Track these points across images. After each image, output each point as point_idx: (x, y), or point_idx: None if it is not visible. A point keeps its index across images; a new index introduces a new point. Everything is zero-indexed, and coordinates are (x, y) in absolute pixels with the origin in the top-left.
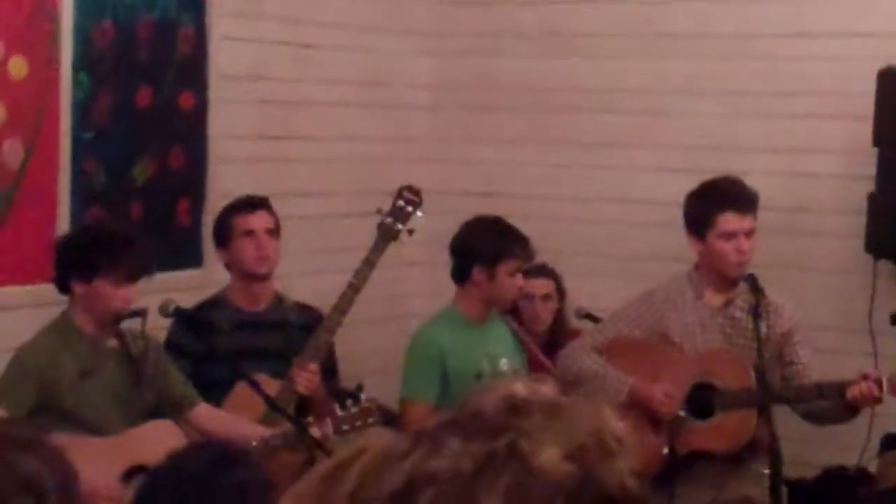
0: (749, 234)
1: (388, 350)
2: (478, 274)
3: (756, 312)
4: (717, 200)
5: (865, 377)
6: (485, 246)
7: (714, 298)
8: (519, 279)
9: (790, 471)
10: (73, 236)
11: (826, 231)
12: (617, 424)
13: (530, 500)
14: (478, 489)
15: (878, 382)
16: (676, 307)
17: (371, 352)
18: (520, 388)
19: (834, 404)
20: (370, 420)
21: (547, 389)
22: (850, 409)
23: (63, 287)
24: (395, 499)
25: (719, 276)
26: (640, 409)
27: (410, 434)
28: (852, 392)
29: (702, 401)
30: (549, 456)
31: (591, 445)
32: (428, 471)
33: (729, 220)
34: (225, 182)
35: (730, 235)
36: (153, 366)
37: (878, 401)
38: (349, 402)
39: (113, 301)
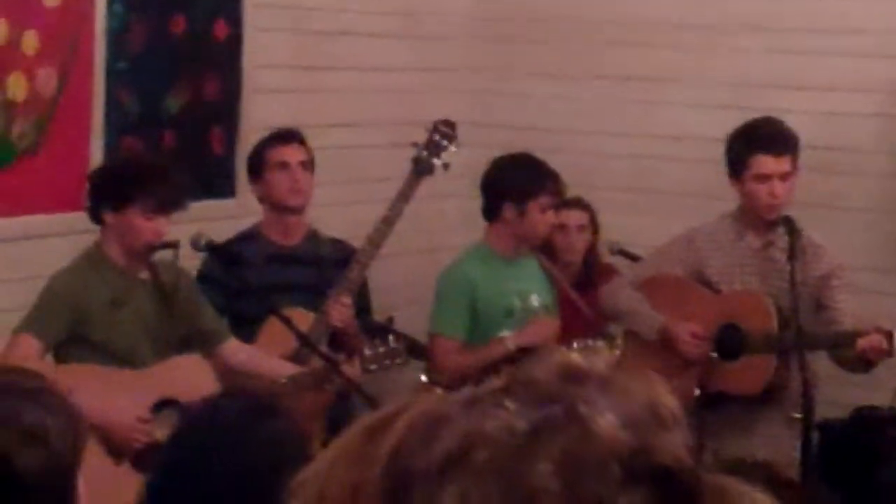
0: (784, 176)
1: (421, 282)
2: (508, 210)
3: (792, 255)
4: (752, 142)
5: (877, 330)
6: (515, 182)
7: (754, 240)
8: (550, 215)
9: (821, 411)
10: (107, 166)
11: (864, 171)
12: (671, 399)
13: (585, 465)
14: (533, 451)
15: (889, 336)
16: (718, 247)
17: (403, 283)
18: (575, 357)
19: (852, 354)
20: (398, 360)
21: (601, 361)
22: (863, 361)
23: (95, 217)
24: (448, 459)
25: (757, 217)
26: (670, 348)
27: (461, 396)
28: (861, 344)
29: (730, 342)
30: (607, 422)
31: (646, 417)
32: (482, 431)
33: (763, 163)
34: (259, 112)
35: (764, 178)
36: (184, 298)
37: (889, 354)
38: (377, 341)
39: (143, 232)
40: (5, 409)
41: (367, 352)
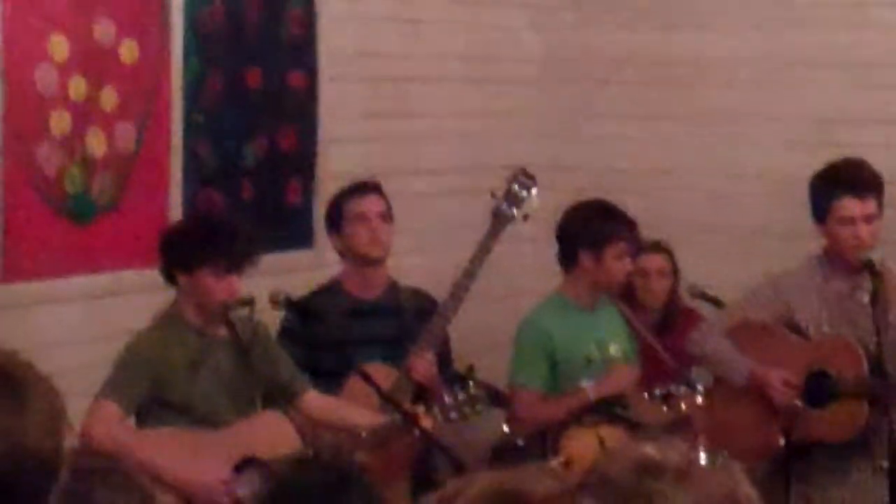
0: (869, 218)
1: (500, 327)
2: (584, 258)
3: (874, 299)
4: (835, 185)
5: None
6: (590, 229)
7: (841, 284)
8: (627, 262)
9: None
10: (175, 228)
11: None
12: (748, 486)
13: None
14: None
15: None
16: (804, 292)
17: (482, 329)
18: (650, 450)
19: None
20: (478, 407)
21: (677, 451)
22: None
23: (169, 278)
24: None
25: (842, 260)
26: (758, 395)
27: (539, 496)
28: None
29: (818, 389)
30: None
31: None
32: None
33: (846, 206)
34: (335, 161)
35: (848, 221)
36: (262, 352)
37: None
38: (457, 389)
39: (215, 292)
40: (78, 491)
41: (447, 400)
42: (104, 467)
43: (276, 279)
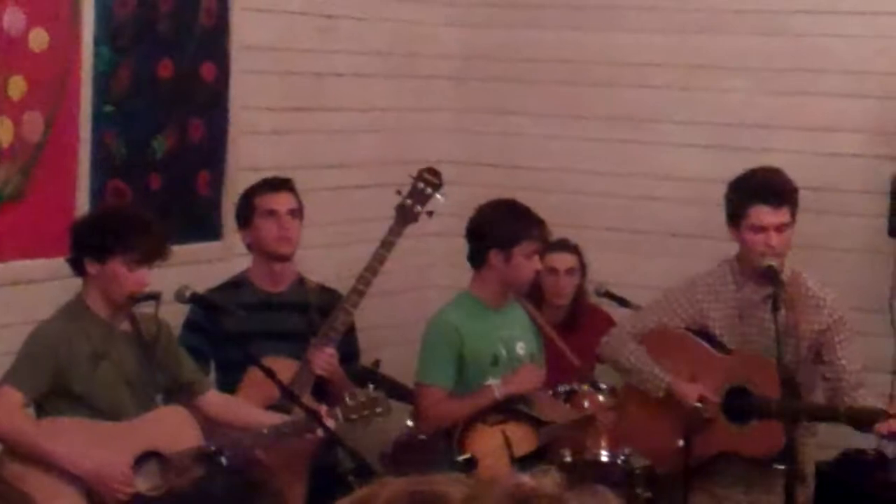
0: (781, 228)
1: (408, 321)
2: (494, 257)
3: (775, 306)
4: (750, 192)
5: (892, 417)
6: (501, 229)
7: (753, 291)
8: (535, 262)
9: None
10: (90, 217)
11: (849, 211)
12: None
13: None
14: None
15: None
16: (717, 298)
17: (390, 323)
18: (525, 480)
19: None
20: (378, 409)
21: (551, 480)
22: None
23: (77, 268)
24: None
25: (752, 267)
26: (673, 406)
27: (456, 499)
28: (882, 429)
29: (736, 405)
30: None
31: None
32: None
33: (760, 214)
34: (245, 154)
35: (759, 228)
36: (164, 349)
37: None
38: (357, 390)
39: (126, 283)
40: None
41: (349, 402)
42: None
43: (184, 270)
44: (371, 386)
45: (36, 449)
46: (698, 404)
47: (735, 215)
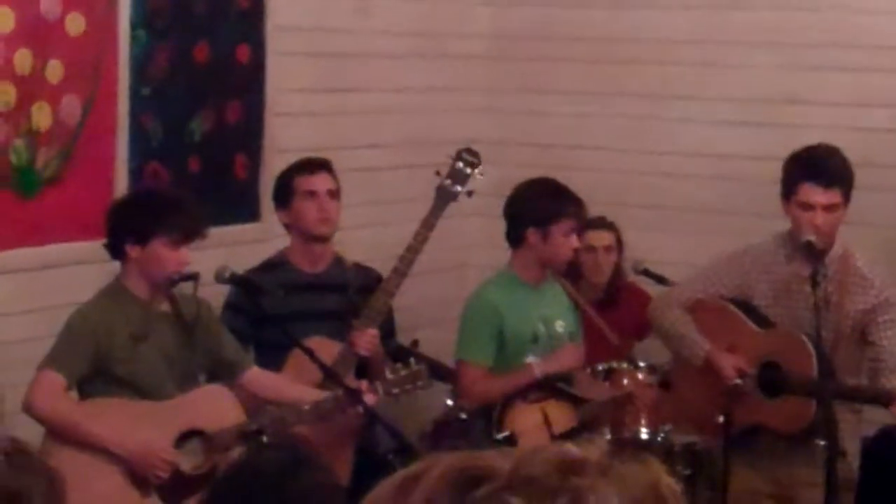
0: (829, 208)
1: (446, 301)
2: (532, 236)
3: (814, 282)
4: (801, 168)
5: None
6: (538, 207)
7: (802, 267)
8: (573, 239)
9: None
10: (126, 201)
11: (885, 186)
12: (670, 479)
13: None
14: None
15: None
16: (765, 269)
17: (429, 302)
18: (570, 447)
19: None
20: (419, 383)
21: (597, 448)
22: None
23: (116, 252)
24: None
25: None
26: (708, 373)
27: (466, 501)
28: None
29: (770, 379)
30: None
31: (649, 499)
32: None
33: (809, 192)
34: (282, 136)
35: (808, 206)
36: (205, 329)
37: None
38: (398, 365)
39: (168, 263)
40: None
41: (389, 375)
42: (9, 449)
43: (222, 252)
44: (412, 359)
45: (78, 431)
46: (737, 380)
47: (787, 190)
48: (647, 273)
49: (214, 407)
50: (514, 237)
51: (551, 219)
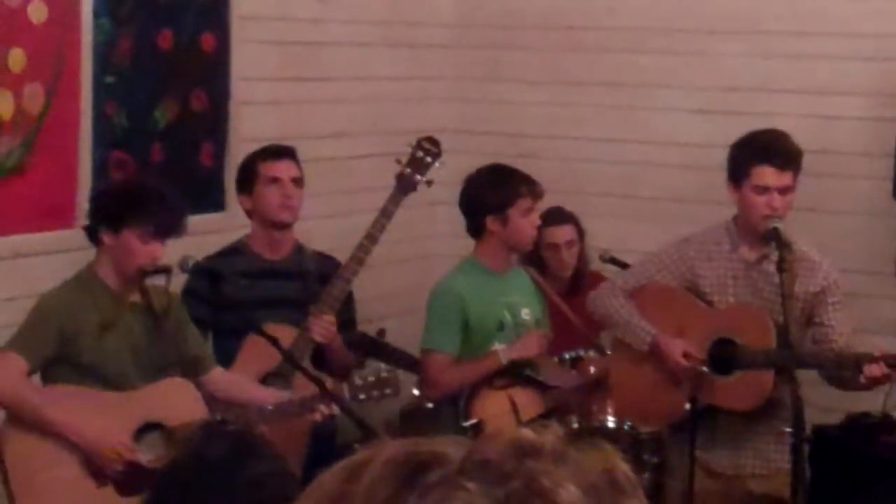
0: (784, 190)
1: (411, 290)
2: (492, 224)
3: (780, 267)
4: (755, 152)
5: (883, 358)
6: (491, 195)
7: (748, 252)
8: (534, 217)
9: (814, 416)
10: (110, 186)
11: (853, 174)
12: (625, 465)
13: None
14: None
15: (893, 363)
16: (710, 257)
17: (394, 292)
18: (526, 432)
19: (851, 376)
20: (387, 391)
21: (553, 433)
22: (866, 385)
23: (93, 237)
24: None
25: (751, 228)
26: (663, 360)
27: (417, 485)
28: (869, 371)
29: (723, 357)
30: (570, 493)
31: (605, 485)
32: None
33: (764, 174)
34: (247, 124)
35: (763, 189)
36: (173, 324)
37: (893, 380)
38: (367, 371)
39: (138, 255)
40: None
41: (357, 381)
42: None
43: (186, 241)
44: (382, 366)
45: (36, 415)
46: (683, 360)
47: (738, 174)
48: (613, 261)
49: (177, 400)
50: (475, 228)
51: (507, 203)
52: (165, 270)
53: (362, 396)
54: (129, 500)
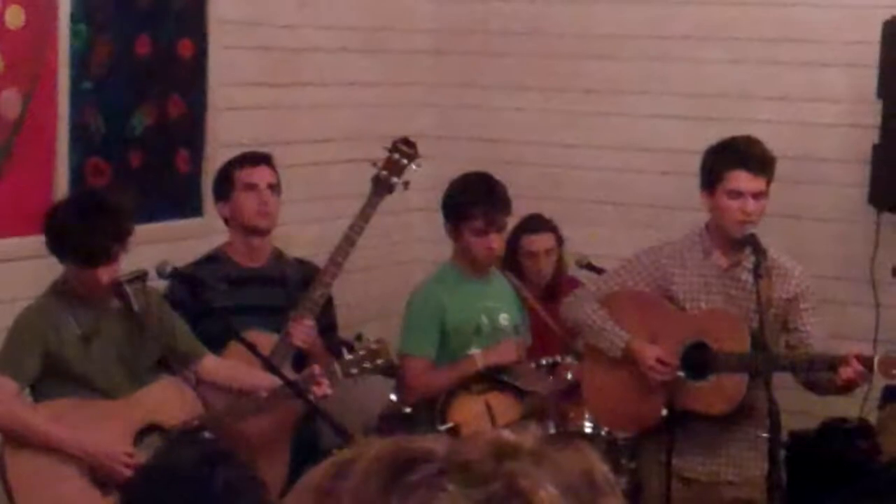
0: (758, 195)
1: (389, 296)
2: (450, 232)
3: (757, 273)
4: (730, 157)
5: (857, 358)
6: (449, 205)
7: (721, 259)
8: (489, 240)
9: (790, 422)
10: (50, 214)
11: (829, 181)
12: (603, 465)
13: None
14: None
15: (869, 365)
16: (683, 265)
17: (372, 298)
18: (505, 434)
19: (827, 378)
20: (379, 361)
21: (531, 435)
22: (842, 386)
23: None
24: None
25: (724, 235)
26: (637, 366)
27: (401, 484)
28: (844, 373)
29: (697, 361)
30: (549, 493)
31: (583, 485)
32: None
33: (738, 179)
34: (224, 130)
35: (737, 194)
36: (157, 320)
37: (869, 381)
38: (357, 344)
39: (87, 281)
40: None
41: (348, 356)
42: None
43: (164, 248)
44: (370, 338)
45: (36, 434)
46: (657, 365)
47: (712, 180)
48: (590, 266)
49: (172, 401)
50: (448, 231)
51: (459, 218)
52: (140, 277)
53: (354, 371)
54: None
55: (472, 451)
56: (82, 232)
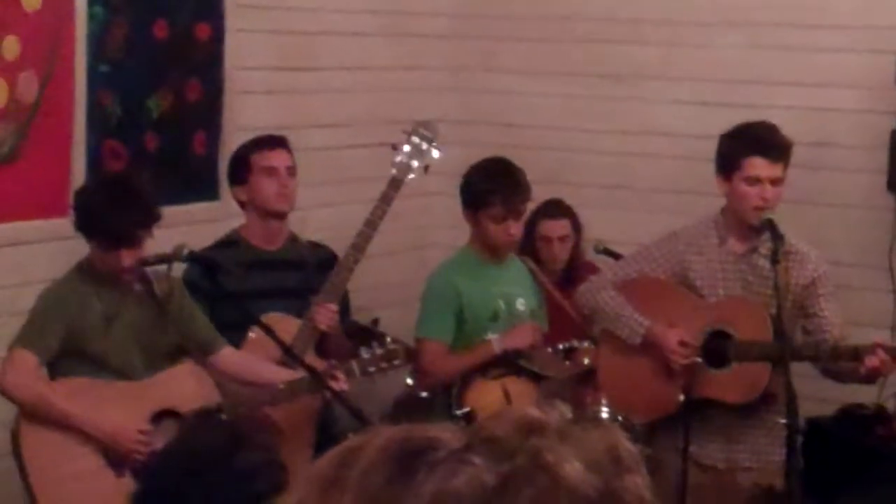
0: (775, 182)
1: (409, 281)
2: (468, 218)
3: (774, 259)
4: (747, 143)
5: (879, 346)
6: (468, 190)
7: (737, 245)
8: (508, 226)
9: (807, 408)
10: (81, 191)
11: (847, 167)
12: (628, 443)
13: None
14: (505, 503)
15: (893, 353)
16: (700, 251)
17: (390, 282)
18: (532, 410)
19: (850, 367)
20: (395, 361)
21: (557, 412)
22: (865, 376)
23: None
24: None
25: (740, 221)
26: (656, 352)
27: (423, 460)
28: (870, 362)
29: (717, 349)
30: (574, 467)
31: (608, 461)
32: (450, 490)
33: (756, 165)
34: (241, 113)
35: (754, 180)
36: (178, 307)
37: (892, 370)
38: (374, 343)
39: (108, 262)
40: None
41: (364, 355)
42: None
43: (181, 231)
44: (388, 338)
45: (52, 410)
46: (680, 348)
47: (728, 166)
48: (607, 252)
49: (188, 386)
50: (466, 216)
51: (477, 204)
52: (165, 260)
53: (372, 370)
54: None
55: (499, 427)
56: (112, 214)
